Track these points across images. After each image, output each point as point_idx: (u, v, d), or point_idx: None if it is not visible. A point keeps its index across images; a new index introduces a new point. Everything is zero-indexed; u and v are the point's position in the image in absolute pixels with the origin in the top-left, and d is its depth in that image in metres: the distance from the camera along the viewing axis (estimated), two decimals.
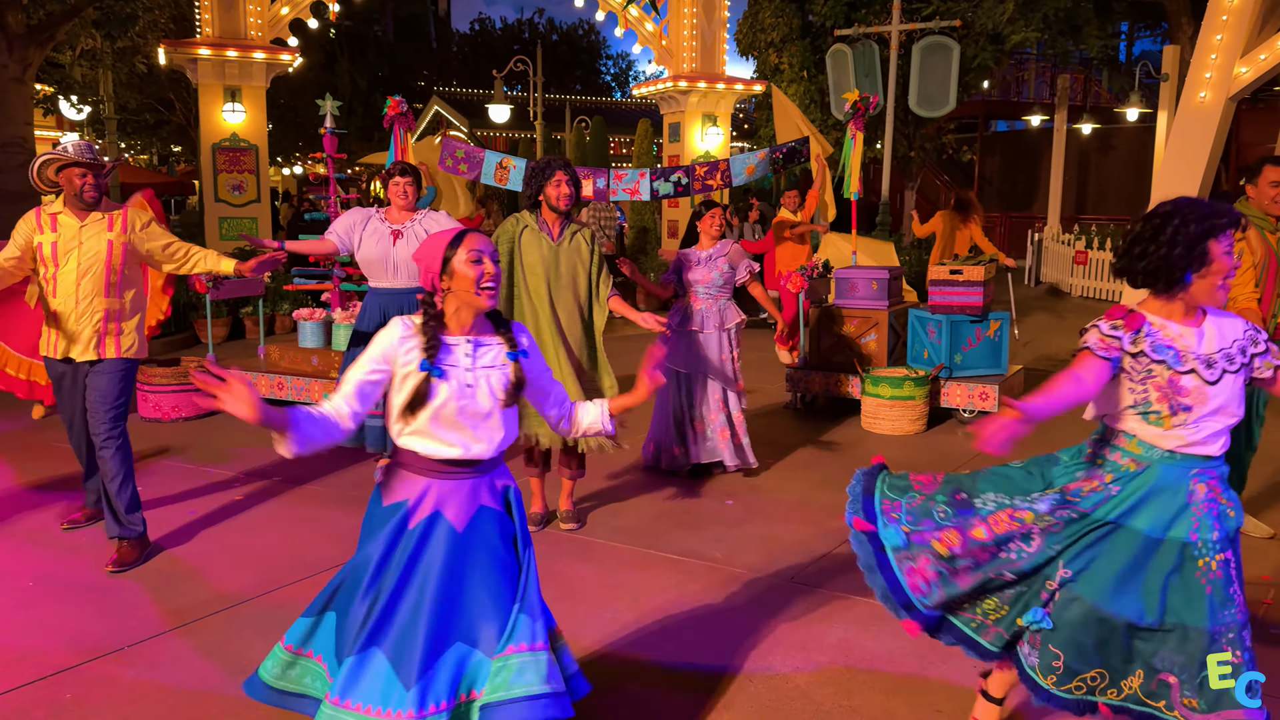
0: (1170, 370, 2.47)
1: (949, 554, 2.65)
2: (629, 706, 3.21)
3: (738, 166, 7.84)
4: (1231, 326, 2.55)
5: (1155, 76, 15.88)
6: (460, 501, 2.51)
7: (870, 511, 2.80)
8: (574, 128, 22.20)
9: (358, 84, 30.10)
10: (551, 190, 4.51)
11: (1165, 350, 2.48)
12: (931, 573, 2.68)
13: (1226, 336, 2.53)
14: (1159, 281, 2.51)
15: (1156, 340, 2.49)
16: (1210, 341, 2.51)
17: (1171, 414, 2.48)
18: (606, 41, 44.34)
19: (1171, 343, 2.49)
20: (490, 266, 2.48)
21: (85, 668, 3.44)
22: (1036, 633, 2.59)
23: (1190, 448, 2.50)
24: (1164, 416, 2.49)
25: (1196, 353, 2.49)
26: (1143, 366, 2.50)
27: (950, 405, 7.03)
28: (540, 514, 4.88)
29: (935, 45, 13.88)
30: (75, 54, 13.26)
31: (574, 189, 4.56)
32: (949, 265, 7.22)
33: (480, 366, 2.51)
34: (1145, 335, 2.49)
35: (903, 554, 2.71)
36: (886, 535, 2.75)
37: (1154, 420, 2.50)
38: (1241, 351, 2.52)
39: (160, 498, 5.31)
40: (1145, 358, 2.49)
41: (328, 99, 7.60)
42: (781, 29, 16.49)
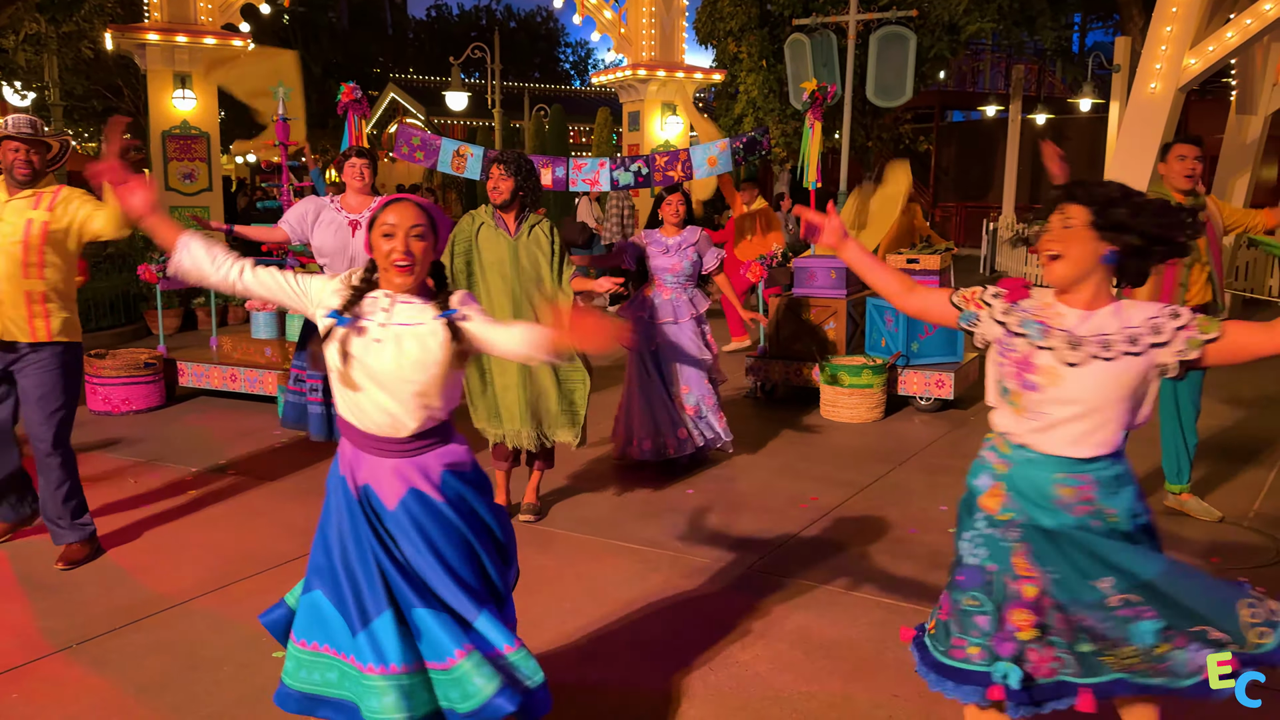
0: (1030, 344, 2.35)
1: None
2: (590, 696, 3.20)
3: (699, 158, 7.82)
4: (1138, 312, 2.33)
5: (1107, 67, 16.12)
6: (384, 480, 2.42)
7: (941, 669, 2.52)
8: (533, 116, 22.07)
9: (312, 71, 29.63)
10: (488, 185, 4.49)
11: (1032, 325, 2.37)
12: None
13: (1118, 322, 2.32)
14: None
15: (1027, 315, 2.38)
16: (1094, 324, 2.32)
17: (1021, 391, 2.35)
18: (565, 29, 44.10)
19: (1044, 320, 2.36)
20: (400, 244, 2.34)
21: (32, 666, 3.36)
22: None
23: (1043, 444, 2.34)
24: (1014, 394, 2.37)
25: (1068, 331, 2.33)
26: (1009, 340, 2.40)
27: (907, 393, 7.09)
28: (502, 507, 4.80)
29: (892, 35, 13.96)
30: (19, 39, 12.89)
31: (515, 180, 4.43)
32: (906, 254, 7.28)
33: (394, 323, 2.38)
34: (1020, 308, 2.41)
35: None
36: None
37: (1009, 400, 2.40)
38: (1131, 340, 2.28)
39: (109, 493, 5.20)
40: (1014, 332, 2.39)
41: (280, 86, 7.48)
42: (740, 18, 16.48)
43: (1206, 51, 8.18)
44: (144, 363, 7.09)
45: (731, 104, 17.44)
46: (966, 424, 6.81)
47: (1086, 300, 2.34)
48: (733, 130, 17.24)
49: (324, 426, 5.24)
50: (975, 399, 7.44)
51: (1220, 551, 4.45)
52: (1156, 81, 8.34)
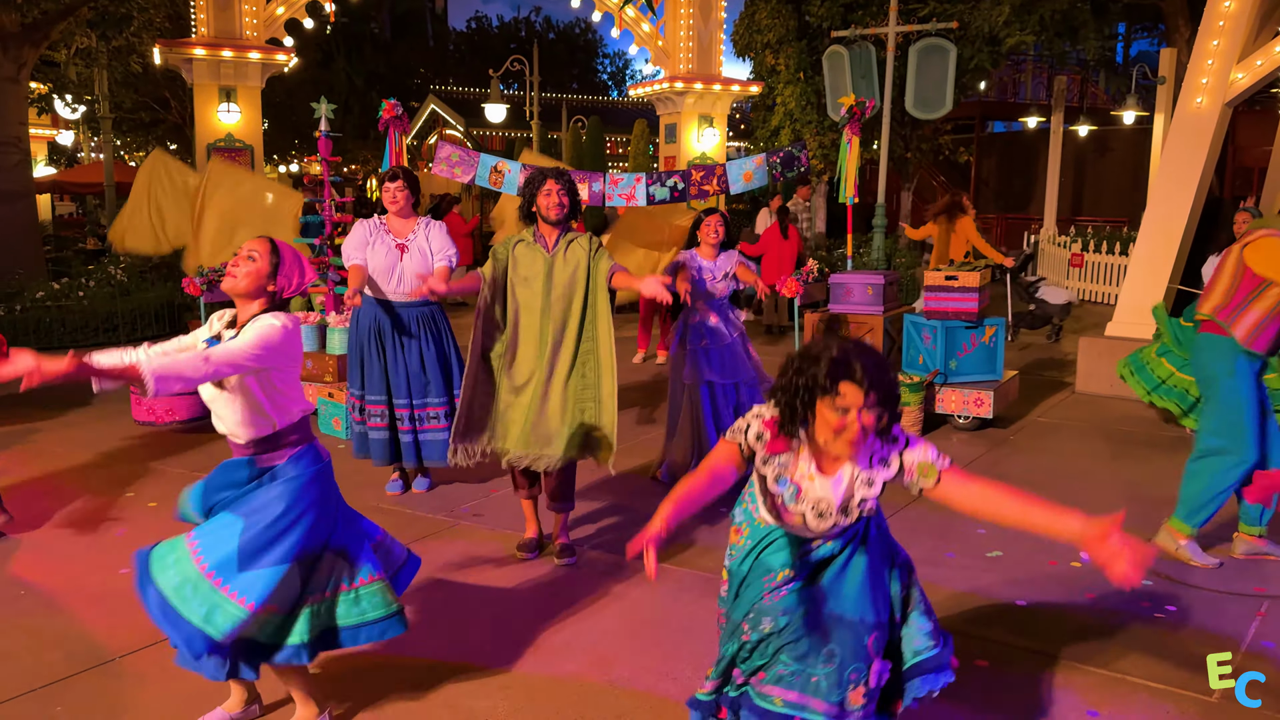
0: (781, 503, 2.53)
1: None
2: (620, 716, 3.20)
3: (734, 173, 7.82)
4: (861, 471, 2.47)
5: (1151, 79, 15.88)
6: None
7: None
8: (570, 127, 22.18)
9: (354, 82, 30.04)
10: (542, 200, 4.33)
11: (784, 484, 2.52)
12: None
13: (854, 484, 2.47)
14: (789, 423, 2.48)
15: (780, 473, 2.52)
16: (837, 488, 2.48)
17: (776, 519, 2.55)
18: (603, 40, 44.30)
19: (796, 480, 2.51)
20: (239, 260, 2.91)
21: (76, 679, 3.43)
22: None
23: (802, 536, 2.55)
24: (770, 510, 2.56)
25: (816, 495, 2.48)
26: (762, 483, 2.56)
27: (945, 411, 7.02)
28: (533, 539, 4.60)
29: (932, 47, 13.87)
30: (70, 53, 13.20)
31: (568, 198, 4.37)
32: (944, 271, 7.21)
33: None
34: (777, 461, 2.51)
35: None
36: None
37: (765, 506, 2.58)
38: (868, 483, 2.46)
39: (154, 505, 5.28)
40: (767, 481, 2.54)
41: (323, 102, 7.58)
42: (778, 30, 16.47)
43: (1254, 66, 8.04)
44: None
45: (769, 116, 17.42)
46: (1006, 443, 6.73)
47: (835, 467, 2.48)
48: (770, 143, 17.23)
49: (385, 452, 5.29)
50: (1015, 417, 7.36)
51: (1263, 580, 4.36)
52: (1203, 96, 8.21)
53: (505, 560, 4.55)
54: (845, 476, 2.47)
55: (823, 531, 2.51)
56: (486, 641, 3.74)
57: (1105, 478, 5.97)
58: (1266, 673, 3.32)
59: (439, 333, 5.32)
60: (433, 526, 5.00)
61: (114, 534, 4.88)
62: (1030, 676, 3.49)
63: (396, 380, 5.23)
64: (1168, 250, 8.20)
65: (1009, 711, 3.27)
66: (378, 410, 5.25)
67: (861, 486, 2.47)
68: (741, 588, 2.63)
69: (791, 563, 2.54)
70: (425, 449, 5.31)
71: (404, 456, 5.32)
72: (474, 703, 3.30)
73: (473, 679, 3.43)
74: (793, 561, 2.54)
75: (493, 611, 4.02)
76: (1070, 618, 3.97)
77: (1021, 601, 4.13)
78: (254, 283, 2.89)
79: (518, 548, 4.60)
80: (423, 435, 5.29)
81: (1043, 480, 5.87)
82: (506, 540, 4.79)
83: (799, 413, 2.41)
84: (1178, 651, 3.63)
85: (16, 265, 10.36)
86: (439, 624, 3.89)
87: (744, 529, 2.66)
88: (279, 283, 2.93)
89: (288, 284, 2.95)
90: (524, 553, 4.56)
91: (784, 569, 2.55)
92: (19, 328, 9.40)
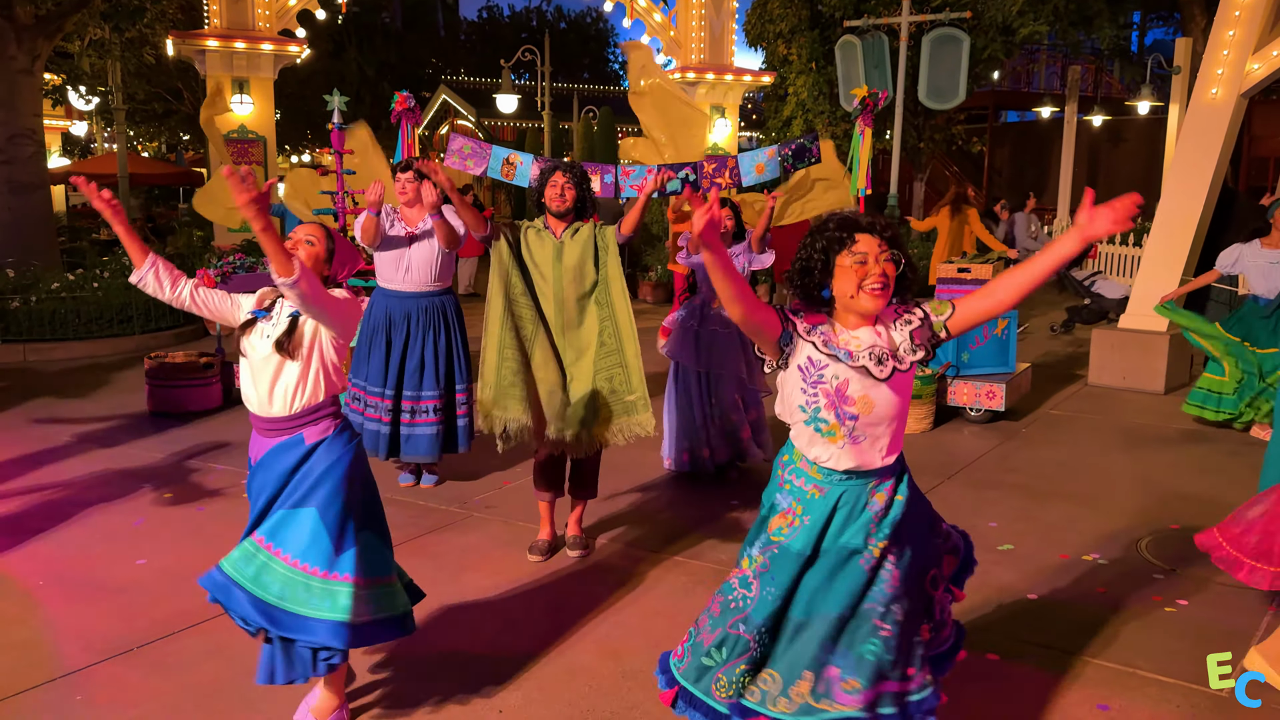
0: (842, 365, 2.46)
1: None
2: (632, 711, 3.22)
3: (746, 164, 7.80)
4: (892, 318, 2.52)
5: (1167, 69, 15.77)
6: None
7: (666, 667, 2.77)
8: (582, 117, 22.16)
9: (365, 73, 30.06)
10: (548, 191, 4.34)
11: (836, 350, 2.47)
12: (685, 637, 2.71)
13: (894, 330, 2.52)
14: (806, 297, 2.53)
15: (828, 338, 2.49)
16: (884, 337, 2.50)
17: (839, 423, 2.47)
18: (615, 29, 44.19)
19: (844, 345, 2.48)
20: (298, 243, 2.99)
21: (95, 669, 3.47)
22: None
23: (863, 465, 2.50)
24: (833, 428, 2.48)
25: (866, 344, 2.47)
26: (815, 368, 2.48)
27: (957, 404, 7.02)
28: (548, 541, 4.56)
29: (945, 37, 13.81)
30: (84, 44, 13.25)
31: (576, 189, 4.34)
32: (957, 263, 7.20)
33: (281, 316, 2.95)
34: (819, 331, 2.49)
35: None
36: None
37: (825, 432, 2.49)
38: (909, 337, 2.50)
39: (169, 496, 5.33)
40: (819, 353, 2.47)
41: (335, 94, 7.59)
42: (790, 20, 16.41)
43: (1270, 56, 7.98)
44: (202, 364, 7.25)
45: (781, 106, 17.37)
46: (1018, 436, 6.73)
47: (861, 321, 2.50)
48: (782, 133, 17.18)
49: (382, 445, 5.23)
50: (1027, 410, 7.35)
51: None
52: (1218, 87, 8.15)
53: (518, 552, 4.57)
54: (884, 328, 2.52)
55: (883, 380, 2.45)
56: (498, 632, 3.77)
57: (1118, 471, 5.96)
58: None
59: (448, 324, 5.32)
60: (445, 518, 5.04)
61: (131, 525, 4.93)
62: (1040, 670, 3.50)
63: (392, 372, 5.23)
64: (1182, 242, 8.16)
65: (1019, 704, 3.28)
66: (375, 402, 5.26)
67: (904, 326, 2.51)
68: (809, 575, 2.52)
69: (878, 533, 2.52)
70: (410, 444, 5.25)
71: (400, 450, 5.29)
72: (486, 693, 3.33)
73: (485, 670, 3.46)
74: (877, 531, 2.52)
75: (505, 603, 4.05)
76: (1081, 611, 3.98)
77: (1032, 595, 4.14)
78: (313, 266, 2.97)
79: (531, 550, 4.54)
80: (413, 429, 5.24)
81: (1055, 473, 5.86)
82: (519, 532, 4.82)
83: (818, 275, 2.46)
84: (1188, 645, 3.64)
85: (32, 257, 10.43)
86: (451, 615, 3.92)
87: (794, 508, 2.56)
88: (334, 267, 3.06)
89: (341, 269, 3.08)
90: (537, 555, 4.50)
91: (879, 541, 2.51)
92: (34, 319, 9.46)
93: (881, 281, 2.41)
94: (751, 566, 2.58)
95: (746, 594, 2.57)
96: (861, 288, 2.42)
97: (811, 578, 2.52)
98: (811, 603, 2.50)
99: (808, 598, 2.51)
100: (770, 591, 2.53)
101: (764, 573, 2.55)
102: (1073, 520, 5.03)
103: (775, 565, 2.54)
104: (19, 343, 9.38)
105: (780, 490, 2.61)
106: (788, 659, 2.52)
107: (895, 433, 2.54)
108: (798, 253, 2.53)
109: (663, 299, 13.25)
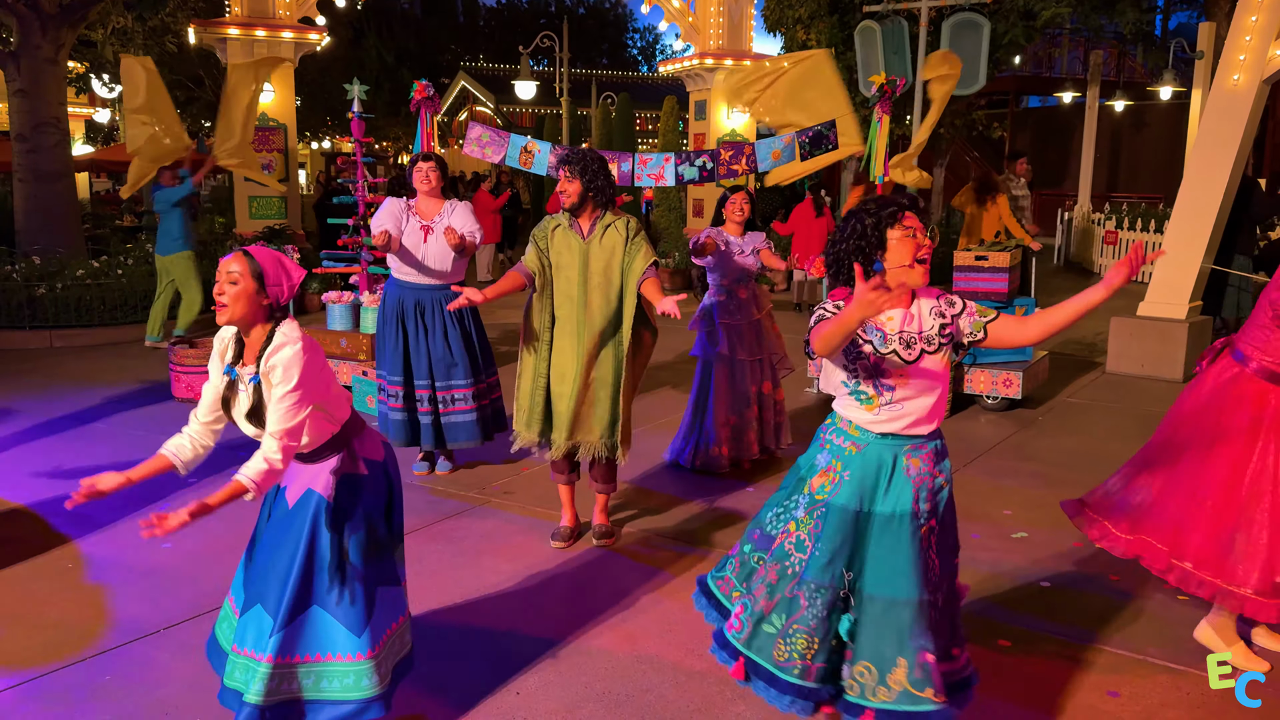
0: (875, 350, 2.65)
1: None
2: (659, 704, 3.28)
3: (763, 152, 7.81)
4: (928, 304, 2.70)
5: (1189, 53, 15.59)
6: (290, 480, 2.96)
7: (712, 603, 3.02)
8: (600, 103, 22.14)
9: (385, 60, 30.14)
10: (557, 189, 4.32)
11: (873, 331, 2.65)
12: (739, 607, 2.85)
13: (925, 316, 2.69)
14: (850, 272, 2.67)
15: (866, 323, 2.65)
16: (914, 322, 2.67)
17: (878, 394, 2.67)
18: (633, 15, 44.04)
19: (879, 325, 2.66)
20: (217, 287, 2.76)
21: (124, 649, 3.56)
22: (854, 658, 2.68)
23: (900, 430, 2.69)
24: (871, 398, 2.68)
25: (901, 332, 2.65)
26: (854, 347, 2.66)
27: (974, 391, 7.03)
28: (571, 528, 4.58)
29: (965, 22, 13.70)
30: (107, 33, 13.34)
31: (582, 181, 4.23)
32: (974, 251, 7.19)
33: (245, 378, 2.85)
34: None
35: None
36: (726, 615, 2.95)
37: (864, 400, 2.69)
38: (939, 329, 2.66)
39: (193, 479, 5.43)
40: (858, 336, 2.64)
41: (355, 84, 7.65)
42: (809, 5, 16.30)
43: None
44: None
45: None
46: (1035, 424, 6.73)
47: (901, 300, 2.67)
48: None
49: (403, 433, 5.33)
50: (1044, 398, 7.34)
51: None
52: (1240, 73, 8.08)
53: (536, 537, 4.64)
54: (918, 311, 2.69)
55: (911, 362, 2.64)
56: (516, 616, 3.84)
57: None
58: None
59: (463, 315, 5.36)
60: (464, 504, 5.11)
61: (157, 509, 5.02)
62: (1052, 657, 3.54)
63: (418, 362, 5.27)
64: (1203, 229, 8.11)
65: (1031, 691, 3.32)
66: (395, 391, 5.32)
67: (935, 317, 2.69)
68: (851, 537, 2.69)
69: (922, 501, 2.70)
70: (451, 430, 5.33)
71: (422, 439, 5.35)
72: (503, 675, 3.39)
73: (503, 652, 3.53)
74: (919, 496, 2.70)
75: (522, 588, 4.11)
76: (1093, 599, 4.00)
77: (1045, 582, 4.16)
78: (247, 305, 2.73)
79: (553, 536, 4.57)
80: (450, 417, 5.32)
81: (1071, 461, 5.87)
82: (537, 517, 4.88)
83: (871, 250, 2.62)
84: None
85: (57, 244, 10.55)
86: (470, 599, 3.99)
87: (834, 465, 2.74)
88: (270, 293, 2.75)
89: (279, 290, 2.78)
90: (560, 541, 4.53)
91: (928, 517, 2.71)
92: (60, 305, 9.60)
93: (928, 254, 2.61)
94: (802, 529, 2.75)
95: (801, 555, 2.73)
96: (914, 259, 2.60)
97: (874, 547, 2.66)
98: (877, 578, 2.64)
99: (874, 571, 2.65)
100: (821, 549, 2.68)
101: (816, 532, 2.71)
102: None
103: (825, 523, 2.70)
104: (45, 329, 9.53)
105: (821, 450, 2.80)
106: (874, 648, 2.64)
107: (933, 404, 2.70)
108: (839, 233, 2.69)
109: (680, 286, 13.27)
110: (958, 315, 2.68)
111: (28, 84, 10.74)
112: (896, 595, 2.61)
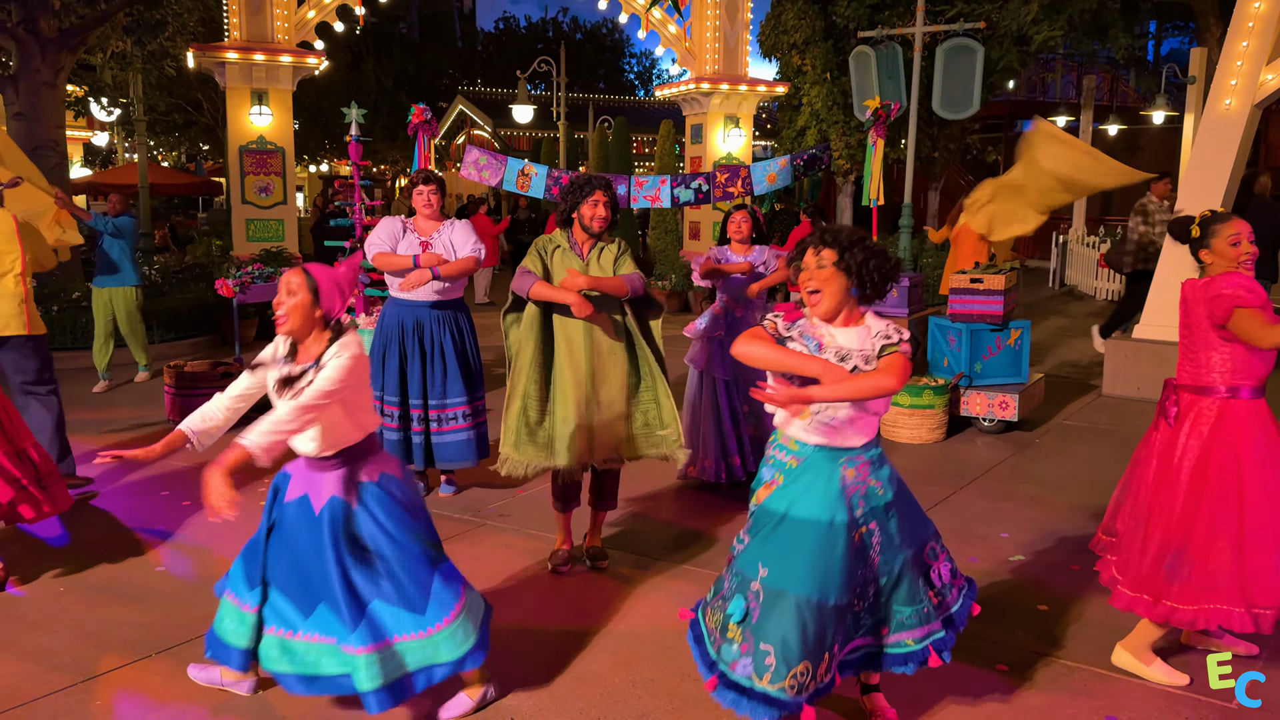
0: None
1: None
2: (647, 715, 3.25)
3: (759, 174, 7.87)
4: (879, 325, 2.86)
5: (1182, 78, 15.72)
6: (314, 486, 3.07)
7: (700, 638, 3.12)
8: (597, 127, 22.24)
9: (383, 83, 30.29)
10: (586, 209, 4.23)
11: (809, 340, 2.83)
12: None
13: (869, 336, 2.84)
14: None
15: (804, 330, 2.85)
16: (852, 339, 2.83)
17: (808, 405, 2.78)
18: (630, 40, 44.35)
19: (817, 336, 2.84)
20: (282, 298, 2.98)
21: (113, 675, 3.53)
22: (746, 638, 2.81)
23: (833, 443, 2.86)
24: (803, 410, 2.81)
25: (835, 346, 2.81)
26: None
27: (970, 414, 7.03)
28: (567, 552, 4.53)
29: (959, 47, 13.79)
30: (106, 57, 13.43)
31: (610, 211, 4.26)
32: (970, 274, 7.22)
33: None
34: (796, 326, 2.85)
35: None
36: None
37: (799, 414, 2.83)
38: (879, 352, 2.80)
39: (192, 502, 5.41)
40: (795, 344, 2.81)
41: (353, 107, 7.69)
42: (804, 30, 16.43)
43: None
44: (219, 375, 7.32)
45: (795, 116, 17.40)
46: (1031, 446, 6.73)
47: (844, 320, 2.86)
48: (796, 143, 17.21)
49: (397, 452, 5.24)
50: (1041, 421, 7.35)
51: None
52: (1231, 98, 8.15)
53: (532, 560, 4.62)
54: (865, 329, 2.87)
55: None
56: (511, 640, 3.81)
57: None
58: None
59: (460, 333, 5.36)
60: (459, 527, 5.09)
61: (151, 531, 5.00)
62: (1050, 680, 3.52)
63: (412, 381, 5.26)
64: None
65: (1028, 716, 3.30)
66: (391, 411, 5.30)
67: (880, 339, 2.84)
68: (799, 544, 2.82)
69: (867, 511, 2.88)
70: (442, 450, 5.28)
71: (414, 458, 5.31)
72: (497, 700, 3.37)
73: (498, 676, 3.50)
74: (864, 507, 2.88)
75: (517, 611, 4.09)
76: (1091, 622, 3.99)
77: (1043, 606, 4.15)
78: (303, 317, 2.97)
79: (551, 560, 4.53)
80: (442, 436, 5.28)
81: (1067, 484, 5.86)
82: (533, 541, 4.86)
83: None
84: (1197, 657, 3.63)
85: (54, 267, 10.55)
86: None
87: (776, 478, 2.92)
88: (324, 305, 2.99)
89: (332, 305, 3.00)
90: (557, 564, 4.49)
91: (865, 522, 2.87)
92: (56, 327, 9.58)
93: (817, 284, 2.82)
94: (740, 533, 3.00)
95: (738, 547, 2.98)
96: (808, 291, 2.87)
97: (796, 540, 2.81)
98: (826, 584, 2.77)
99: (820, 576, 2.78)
100: (747, 543, 2.92)
101: (749, 529, 2.95)
102: (1085, 532, 5.03)
103: (755, 523, 2.92)
104: None
105: (765, 465, 2.98)
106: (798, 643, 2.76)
107: (863, 419, 2.85)
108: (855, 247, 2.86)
109: (677, 308, 13.30)
110: (899, 342, 2.82)
111: (26, 107, 10.79)
112: (798, 591, 2.79)
